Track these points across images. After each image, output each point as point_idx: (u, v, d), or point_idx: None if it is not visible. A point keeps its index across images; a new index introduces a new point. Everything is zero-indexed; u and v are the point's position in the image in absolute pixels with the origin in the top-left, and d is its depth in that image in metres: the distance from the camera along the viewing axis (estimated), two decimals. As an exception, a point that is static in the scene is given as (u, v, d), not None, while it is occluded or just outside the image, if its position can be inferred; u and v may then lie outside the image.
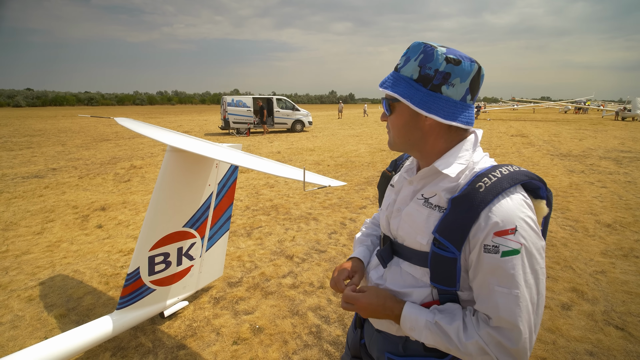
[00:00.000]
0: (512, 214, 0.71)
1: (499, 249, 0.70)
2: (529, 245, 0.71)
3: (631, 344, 2.28)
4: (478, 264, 0.74)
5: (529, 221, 0.72)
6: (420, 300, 0.84)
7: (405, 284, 0.87)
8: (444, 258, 0.77)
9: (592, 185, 6.45)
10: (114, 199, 5.63)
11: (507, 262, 0.70)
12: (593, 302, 2.75)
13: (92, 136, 14.84)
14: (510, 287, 0.70)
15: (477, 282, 0.75)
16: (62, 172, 7.68)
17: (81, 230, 4.28)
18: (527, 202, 0.75)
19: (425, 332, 0.78)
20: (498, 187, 0.73)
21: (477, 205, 0.73)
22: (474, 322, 0.76)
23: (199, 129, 19.36)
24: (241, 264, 3.40)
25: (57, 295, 2.86)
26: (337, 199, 5.58)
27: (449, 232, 0.76)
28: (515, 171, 0.77)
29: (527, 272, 0.71)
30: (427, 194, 0.84)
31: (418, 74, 0.78)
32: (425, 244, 0.81)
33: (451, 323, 0.76)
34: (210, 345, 2.28)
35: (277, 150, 11.08)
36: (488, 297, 0.73)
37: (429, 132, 0.83)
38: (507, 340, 0.71)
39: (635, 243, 3.86)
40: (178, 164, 2.12)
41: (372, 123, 23.43)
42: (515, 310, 0.70)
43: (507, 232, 0.70)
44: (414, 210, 0.85)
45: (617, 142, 12.82)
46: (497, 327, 0.72)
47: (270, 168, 1.84)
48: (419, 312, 0.80)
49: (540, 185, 0.80)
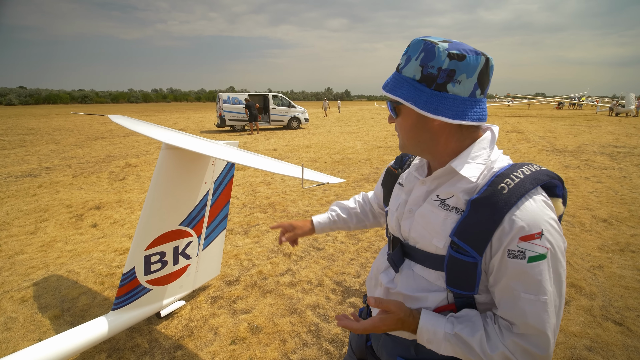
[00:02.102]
0: (537, 217, 0.68)
1: (525, 254, 0.67)
2: (555, 248, 0.68)
3: (629, 339, 2.28)
4: (501, 269, 0.70)
5: (553, 224, 0.69)
6: (435, 304, 0.81)
7: (418, 288, 0.83)
8: (463, 262, 0.73)
9: (588, 180, 6.48)
10: (109, 197, 5.57)
11: (534, 267, 0.67)
12: (591, 297, 2.76)
13: (87, 134, 14.67)
14: (538, 294, 0.67)
15: (500, 287, 0.71)
16: (56, 170, 7.58)
17: (76, 230, 4.22)
18: (549, 203, 0.72)
19: (445, 344, 0.74)
20: (522, 189, 0.69)
21: (500, 208, 0.69)
22: (497, 330, 0.72)
23: (195, 126, 19.21)
24: (238, 263, 3.37)
25: (52, 296, 2.82)
26: (334, 196, 5.56)
27: (469, 236, 0.72)
28: (537, 171, 0.74)
29: (552, 276, 0.68)
30: (443, 194, 0.79)
31: (421, 74, 0.73)
32: (441, 247, 0.77)
33: (473, 334, 0.72)
34: (208, 345, 2.25)
35: (274, 147, 11.03)
36: (514, 304, 0.69)
37: (439, 132, 0.78)
38: (535, 348, 0.68)
39: (632, 238, 3.88)
40: (173, 161, 2.08)
41: (369, 120, 23.41)
42: (544, 316, 0.67)
43: (534, 236, 0.67)
44: (428, 212, 0.81)
45: (611, 137, 12.91)
46: (523, 335, 0.69)
47: (268, 165, 1.81)
48: (436, 324, 0.76)
49: (558, 184, 0.77)
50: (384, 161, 8.47)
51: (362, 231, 4.12)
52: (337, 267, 3.26)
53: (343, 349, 2.21)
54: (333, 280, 3.05)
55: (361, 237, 3.97)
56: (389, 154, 9.42)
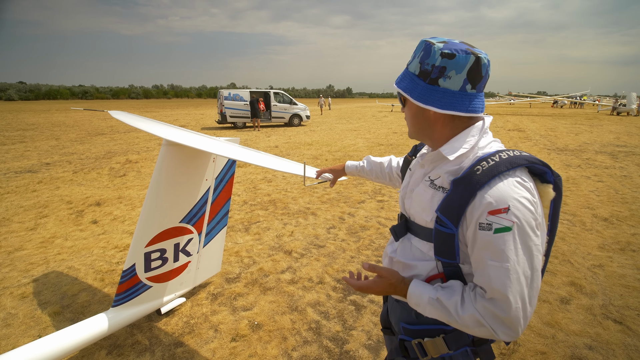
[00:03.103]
0: (505, 194, 0.76)
1: (492, 226, 0.76)
2: (522, 223, 0.75)
3: (629, 338, 2.28)
4: (474, 240, 0.80)
5: (523, 201, 0.76)
6: (426, 272, 0.93)
7: (414, 257, 0.96)
8: (444, 234, 0.84)
9: (589, 179, 6.47)
10: (109, 194, 5.56)
11: (499, 238, 0.76)
12: (591, 296, 2.75)
13: (87, 130, 14.65)
14: (501, 261, 0.76)
15: (474, 257, 0.82)
16: (56, 166, 7.57)
17: (76, 226, 4.22)
18: (524, 184, 0.79)
19: (429, 307, 0.86)
20: (494, 170, 0.78)
21: (473, 186, 0.79)
22: (472, 296, 0.82)
23: (196, 123, 19.18)
24: (239, 260, 3.37)
25: (51, 293, 2.82)
26: (335, 194, 5.55)
27: (448, 211, 0.83)
28: (515, 155, 0.81)
29: (519, 247, 0.75)
30: (433, 176, 0.92)
31: (419, 70, 0.86)
32: (429, 221, 0.89)
33: (450, 298, 0.83)
34: (208, 342, 2.25)
35: (275, 144, 11.00)
36: (482, 271, 0.80)
37: (435, 121, 0.90)
38: (500, 310, 0.77)
39: (632, 237, 3.87)
40: (174, 158, 2.07)
41: (370, 117, 23.36)
42: (505, 281, 0.75)
43: (500, 211, 0.76)
44: (421, 191, 0.94)
45: (612, 136, 12.88)
46: (491, 299, 0.78)
47: (269, 162, 1.80)
48: (422, 290, 0.88)
49: (546, 170, 0.84)
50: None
51: (362, 229, 4.12)
52: (337, 265, 3.26)
53: (344, 347, 2.21)
54: (334, 277, 3.05)
55: (362, 234, 3.96)
56: (390, 152, 9.40)
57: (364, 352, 2.16)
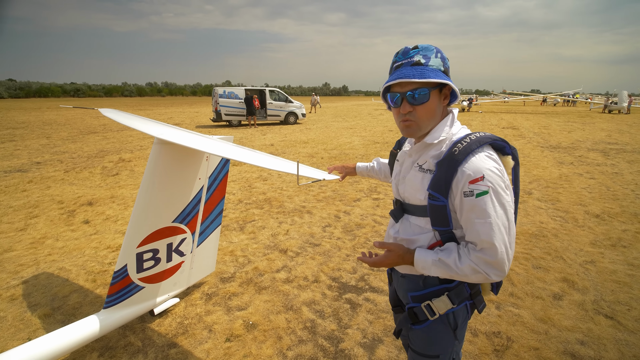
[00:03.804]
0: (479, 166, 0.96)
1: (473, 192, 0.95)
2: (495, 186, 0.95)
3: (620, 333, 2.31)
4: (461, 206, 0.99)
5: (493, 169, 0.96)
6: (427, 242, 1.10)
7: (414, 232, 1.13)
8: (437, 207, 1.02)
9: (581, 176, 6.54)
10: (102, 193, 5.49)
11: (480, 200, 0.95)
12: (583, 292, 2.78)
13: (79, 129, 14.44)
14: (485, 217, 0.95)
15: (463, 220, 1.00)
16: (47, 165, 7.45)
17: (67, 226, 4.16)
18: (492, 157, 0.99)
19: (434, 268, 1.04)
20: (468, 149, 0.98)
21: (454, 164, 0.98)
22: (466, 251, 1.00)
23: (190, 121, 19.01)
24: (234, 259, 3.34)
25: (42, 294, 2.77)
26: (331, 192, 5.54)
27: (437, 187, 1.01)
28: (482, 136, 1.02)
29: (496, 205, 0.95)
30: (421, 162, 1.10)
31: (443, 67, 1.03)
32: (423, 199, 1.07)
33: (449, 256, 1.01)
34: (202, 342, 2.23)
35: (270, 142, 10.95)
36: (471, 229, 0.98)
37: (442, 112, 1.09)
38: (489, 257, 0.96)
39: (623, 233, 3.92)
40: (166, 157, 2.04)
41: (366, 115, 23.36)
42: (490, 232, 0.94)
43: (478, 179, 0.95)
44: (412, 176, 1.11)
45: (604, 134, 13.04)
46: (481, 249, 0.97)
47: (262, 161, 1.78)
48: (426, 255, 1.05)
49: (504, 145, 1.07)
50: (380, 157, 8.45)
51: (358, 227, 4.12)
52: (333, 263, 3.26)
53: (339, 345, 2.21)
54: (329, 276, 3.04)
55: (358, 233, 3.96)
56: (386, 150, 9.41)
57: (359, 351, 2.16)
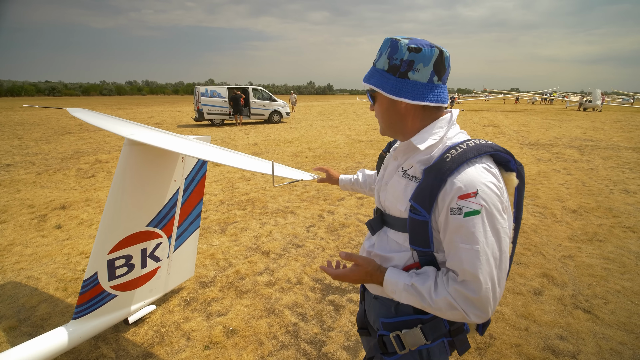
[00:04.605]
0: (474, 179, 0.78)
1: (462, 210, 0.78)
2: (489, 206, 0.78)
3: (597, 326, 2.36)
4: (446, 225, 0.82)
5: (490, 185, 0.79)
6: (402, 263, 0.94)
7: (390, 249, 0.97)
8: (418, 222, 0.86)
9: (559, 172, 6.73)
10: (76, 196, 5.25)
11: (469, 221, 0.78)
12: (562, 287, 2.84)
13: (53, 129, 13.84)
14: (472, 243, 0.78)
15: (446, 241, 0.84)
16: (18, 168, 7.09)
17: (37, 232, 3.95)
18: (491, 171, 0.82)
19: (404, 293, 0.87)
20: (463, 157, 0.81)
21: (443, 172, 0.81)
22: (445, 280, 0.83)
23: (172, 120, 18.55)
24: (214, 262, 3.25)
25: (7, 305, 2.60)
26: (315, 191, 5.49)
27: (421, 198, 0.84)
28: (482, 143, 0.85)
29: (487, 230, 0.78)
30: (406, 166, 0.94)
31: (388, 65, 0.88)
32: (403, 210, 0.90)
33: (424, 284, 0.84)
34: (180, 351, 2.14)
35: (254, 142, 10.80)
36: (454, 254, 0.81)
37: (406, 114, 0.92)
38: (470, 292, 0.78)
39: (598, 227, 4.04)
40: (138, 158, 1.94)
41: (351, 114, 23.42)
42: (476, 262, 0.77)
43: (469, 195, 0.78)
44: (395, 182, 0.96)
45: (579, 131, 13.52)
46: (462, 282, 0.80)
47: (237, 162, 1.71)
48: (398, 277, 0.89)
49: (509, 159, 0.88)
50: (365, 155, 8.47)
51: (342, 227, 4.08)
52: (316, 265, 3.21)
53: (322, 349, 2.16)
54: (312, 278, 2.99)
55: (341, 232, 3.93)
56: (370, 148, 9.44)
57: (342, 354, 2.12)
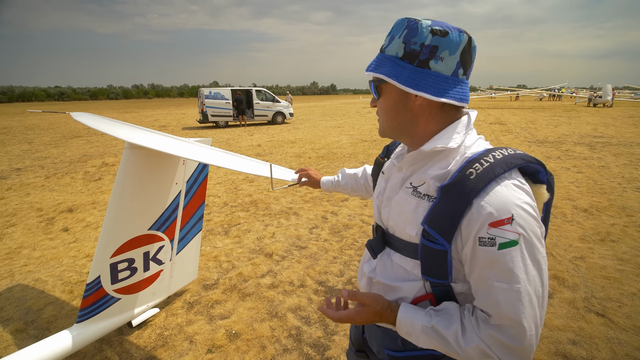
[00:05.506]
0: (507, 201, 0.64)
1: (495, 241, 0.64)
2: (528, 234, 0.64)
3: (612, 330, 2.28)
4: (474, 258, 0.67)
5: (526, 207, 0.65)
6: (413, 294, 0.79)
7: (396, 277, 0.82)
8: (434, 251, 0.71)
9: (569, 170, 6.59)
10: (83, 199, 5.30)
11: (506, 255, 0.63)
12: (574, 289, 2.76)
13: (62, 133, 14.06)
14: (511, 282, 0.63)
15: (475, 277, 0.69)
16: (28, 172, 7.20)
17: (45, 235, 3.99)
18: (524, 188, 0.68)
19: (423, 337, 0.73)
20: (490, 173, 0.66)
21: (467, 193, 0.66)
22: (474, 323, 0.69)
23: (177, 123, 18.70)
24: (217, 265, 3.24)
25: (15, 308, 2.63)
26: (318, 192, 5.45)
27: (438, 223, 0.69)
28: (510, 154, 0.70)
29: (528, 263, 0.64)
30: (416, 182, 0.78)
31: (403, 51, 0.72)
32: (414, 235, 0.75)
33: (449, 327, 0.70)
34: (183, 355, 2.13)
35: (258, 143, 10.81)
36: (487, 294, 0.67)
37: (420, 113, 0.76)
38: (511, 340, 0.64)
39: (611, 227, 3.93)
40: (139, 162, 1.94)
41: (354, 114, 23.34)
42: (518, 306, 0.63)
43: (503, 222, 0.63)
44: (402, 200, 0.80)
45: (589, 127, 13.24)
46: (498, 326, 0.66)
47: (236, 165, 1.69)
48: (414, 317, 0.74)
49: (540, 169, 0.74)
50: (369, 155, 8.41)
51: (345, 228, 4.05)
52: (320, 267, 3.17)
53: (325, 353, 2.13)
54: (316, 280, 2.96)
55: (345, 234, 3.89)
56: (374, 148, 9.37)
57: (345, 359, 2.08)
